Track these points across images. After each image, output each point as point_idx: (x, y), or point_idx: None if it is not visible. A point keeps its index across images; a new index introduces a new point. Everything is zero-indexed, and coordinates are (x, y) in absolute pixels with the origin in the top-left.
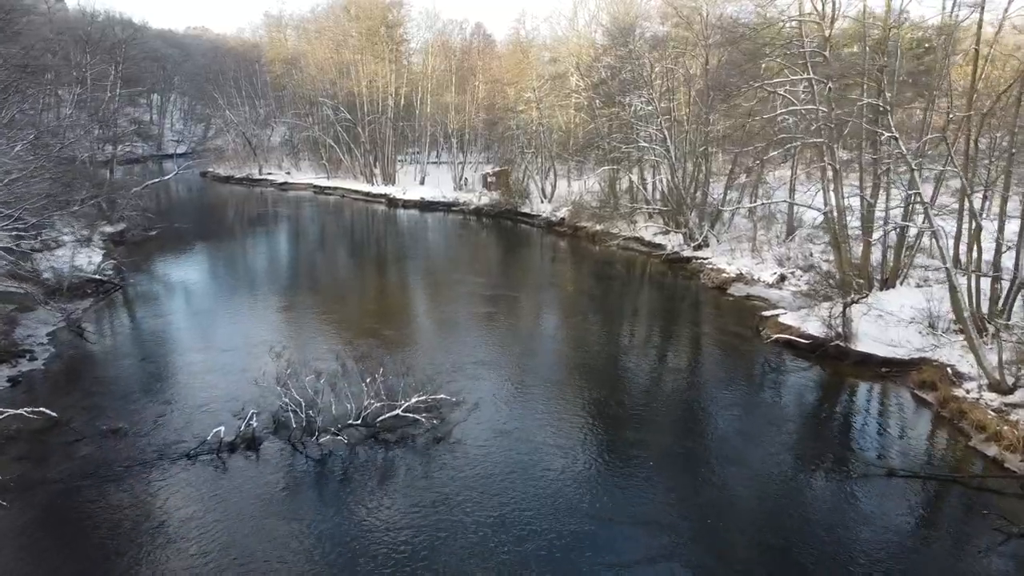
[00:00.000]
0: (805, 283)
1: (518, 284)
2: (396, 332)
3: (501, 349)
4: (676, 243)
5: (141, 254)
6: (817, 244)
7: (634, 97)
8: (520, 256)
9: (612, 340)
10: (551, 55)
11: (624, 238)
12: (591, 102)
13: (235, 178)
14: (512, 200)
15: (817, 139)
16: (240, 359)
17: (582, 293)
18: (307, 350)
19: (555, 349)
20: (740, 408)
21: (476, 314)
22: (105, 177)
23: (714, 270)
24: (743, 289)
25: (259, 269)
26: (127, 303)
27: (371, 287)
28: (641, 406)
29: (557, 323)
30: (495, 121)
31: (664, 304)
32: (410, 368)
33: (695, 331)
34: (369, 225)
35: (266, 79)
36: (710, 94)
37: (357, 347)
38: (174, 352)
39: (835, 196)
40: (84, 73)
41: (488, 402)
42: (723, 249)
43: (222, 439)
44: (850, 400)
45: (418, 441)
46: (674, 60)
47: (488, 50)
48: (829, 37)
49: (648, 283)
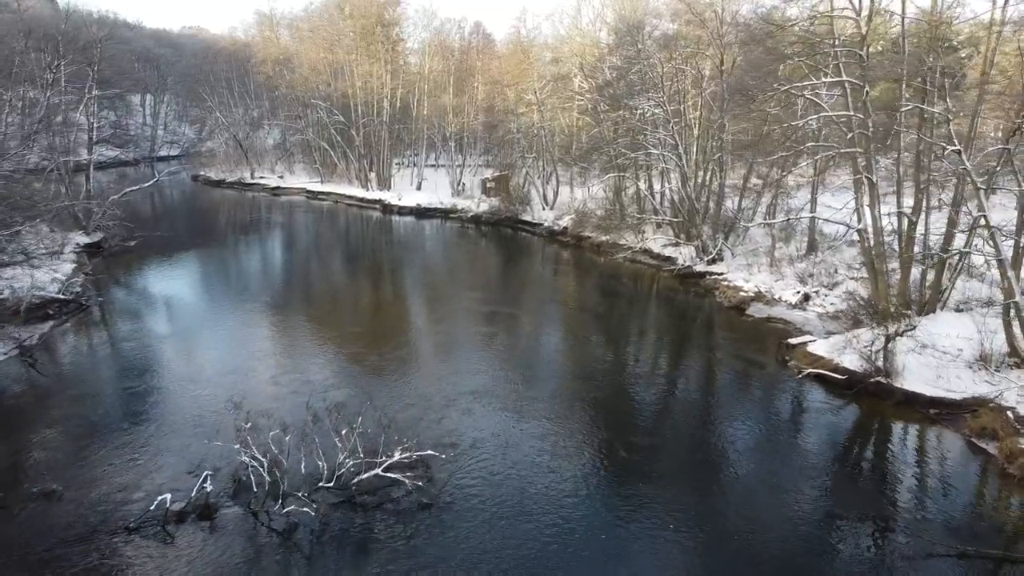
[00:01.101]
0: (831, 304)
1: (518, 300)
2: (383, 358)
3: (498, 378)
4: (688, 256)
5: (117, 267)
6: (842, 259)
7: (643, 100)
8: (520, 268)
9: (620, 369)
10: (553, 55)
11: (631, 250)
12: (596, 105)
13: (226, 182)
14: (512, 207)
15: (852, 149)
16: (203, 400)
17: (587, 311)
18: (280, 386)
19: (558, 379)
20: (766, 455)
21: (472, 335)
22: (81, 184)
23: (730, 287)
24: (763, 310)
25: (240, 285)
26: (92, 326)
27: (360, 305)
28: (653, 451)
29: (560, 347)
30: (495, 124)
31: (677, 326)
32: (395, 408)
33: (712, 359)
34: (362, 234)
35: (259, 79)
36: (726, 97)
37: (338, 379)
38: (131, 389)
39: (871, 212)
40: (57, 74)
41: (483, 450)
42: (739, 264)
43: (168, 508)
44: (895, 448)
45: (402, 506)
46: (685, 60)
47: (487, 50)
48: (866, 35)
49: (658, 301)
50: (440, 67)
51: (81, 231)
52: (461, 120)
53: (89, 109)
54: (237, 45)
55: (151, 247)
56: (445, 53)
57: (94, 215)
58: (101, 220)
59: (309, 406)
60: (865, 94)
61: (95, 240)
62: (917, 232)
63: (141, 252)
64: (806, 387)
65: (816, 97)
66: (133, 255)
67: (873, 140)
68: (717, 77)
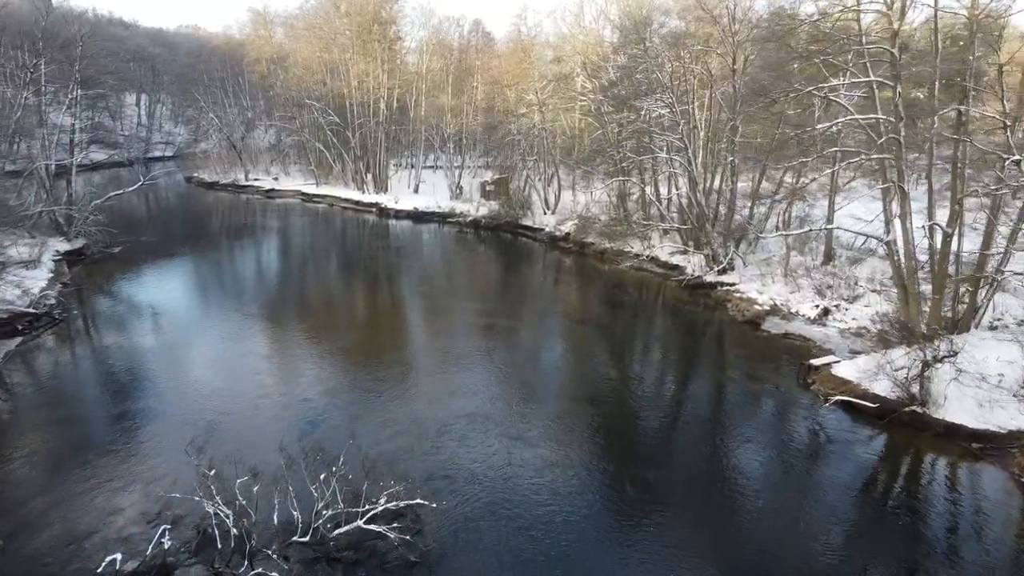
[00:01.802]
0: (853, 319)
1: (518, 312)
2: (373, 378)
3: (497, 400)
4: (697, 265)
5: (98, 276)
6: (861, 270)
7: (650, 101)
8: (520, 277)
9: (627, 391)
10: (555, 54)
11: (638, 258)
12: (599, 106)
13: (220, 184)
14: (512, 211)
15: (883, 155)
16: (174, 431)
17: (590, 324)
18: (260, 412)
19: (559, 402)
20: (787, 490)
21: (469, 351)
22: (63, 188)
23: (743, 300)
24: (780, 325)
25: (225, 296)
26: (63, 342)
27: (351, 318)
28: (663, 487)
29: (562, 365)
30: (494, 125)
31: (687, 342)
32: (384, 437)
33: (727, 380)
34: (356, 240)
35: (253, 79)
36: (738, 98)
37: (324, 402)
38: (96, 417)
39: (903, 225)
40: (36, 73)
41: (479, 488)
42: (751, 274)
43: (118, 569)
44: (933, 485)
45: (387, 562)
46: (695, 59)
47: (487, 49)
48: (899, 31)
49: (666, 314)
50: (438, 66)
51: (62, 238)
52: (460, 121)
53: (70, 110)
54: (231, 44)
55: (136, 254)
56: (443, 52)
57: (75, 221)
58: (83, 226)
59: (287, 441)
60: (897, 95)
61: (76, 247)
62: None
63: (125, 259)
64: (832, 414)
65: (837, 98)
66: (116, 262)
67: (905, 146)
68: (728, 77)
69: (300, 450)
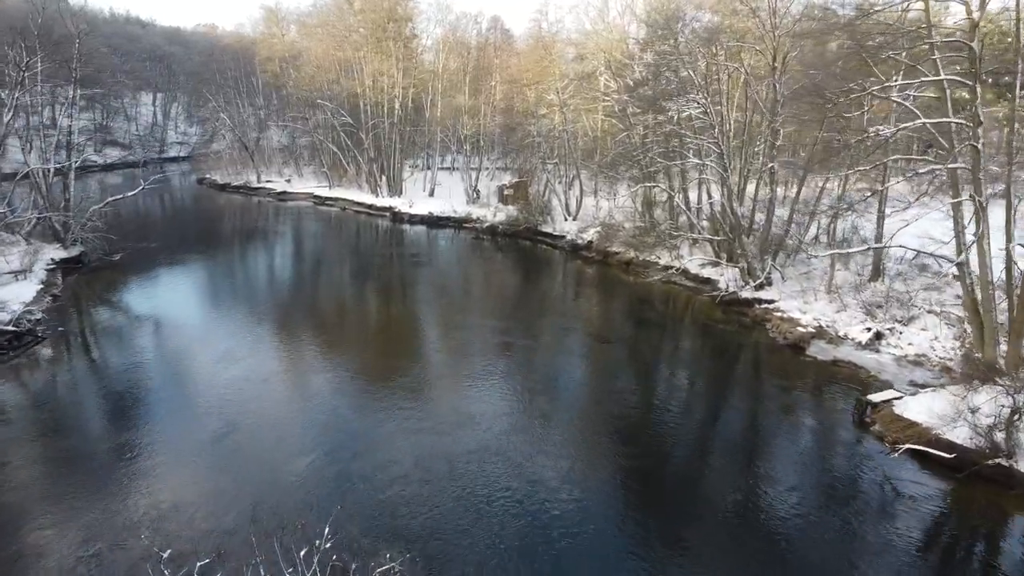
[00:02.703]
0: (909, 344)
1: (537, 329)
2: (378, 406)
3: (513, 432)
4: (730, 279)
5: (94, 286)
6: (913, 286)
7: (682, 101)
8: (540, 289)
9: (657, 425)
10: (577, 51)
11: (666, 270)
12: (624, 107)
13: (232, 186)
14: (532, 217)
15: (957, 165)
16: (125, 496)
17: (616, 344)
18: (234, 468)
19: (582, 435)
20: (845, 552)
21: (483, 374)
22: (59, 193)
23: (784, 320)
24: (827, 350)
25: (225, 311)
26: (42, 366)
27: (359, 338)
28: (701, 543)
29: (584, 393)
30: (513, 127)
31: (723, 368)
32: (383, 481)
33: (769, 415)
34: (369, 247)
35: (265, 78)
36: (778, 99)
37: (318, 441)
38: (56, 459)
39: (980, 245)
40: (30, 72)
41: (494, 553)
42: (791, 290)
43: None
44: (1020, 551)
45: None
46: (729, 57)
47: (506, 46)
48: (978, 23)
49: (699, 334)
50: (455, 65)
51: (59, 245)
52: (477, 122)
53: (66, 111)
54: (243, 42)
55: (138, 261)
56: (460, 50)
57: (72, 227)
58: (80, 232)
59: (268, 502)
60: (978, 96)
61: (74, 255)
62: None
63: (125, 268)
64: (896, 461)
65: (901, 100)
66: (116, 271)
67: (984, 155)
68: (768, 76)
69: (281, 517)
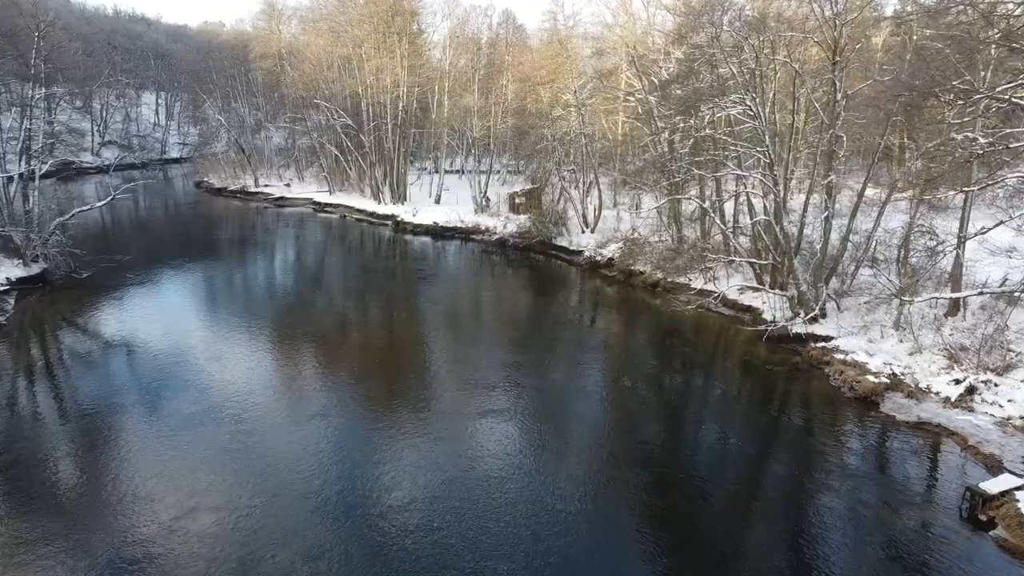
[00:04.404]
0: (1010, 401)
1: (550, 362)
2: (371, 459)
3: (522, 490)
4: (776, 307)
5: (53, 309)
6: (1004, 320)
7: (728, 101)
8: (554, 312)
9: (692, 499)
10: (596, 47)
11: (712, 295)
12: (650, 109)
13: (228, 190)
14: (545, 229)
15: None
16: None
17: (641, 383)
18: (204, 543)
19: (597, 506)
20: None
21: (487, 417)
22: (19, 204)
23: (848, 364)
24: (906, 407)
25: (197, 339)
26: None
27: (350, 372)
28: None
29: (602, 450)
30: (526, 131)
31: (775, 423)
32: (374, 546)
33: (843, 501)
34: (368, 262)
35: (263, 77)
36: (837, 99)
37: (299, 506)
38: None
39: None
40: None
41: None
42: (850, 325)
43: None
44: None
45: None
46: (776, 51)
47: (518, 42)
48: None
49: (743, 377)
50: (464, 62)
51: (19, 261)
52: (486, 124)
53: (26, 112)
54: (241, 39)
55: (109, 279)
56: (469, 46)
57: (32, 242)
58: (43, 248)
59: None
60: None
61: (34, 272)
62: None
63: (93, 287)
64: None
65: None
66: (81, 291)
67: None
68: (824, 72)
69: None
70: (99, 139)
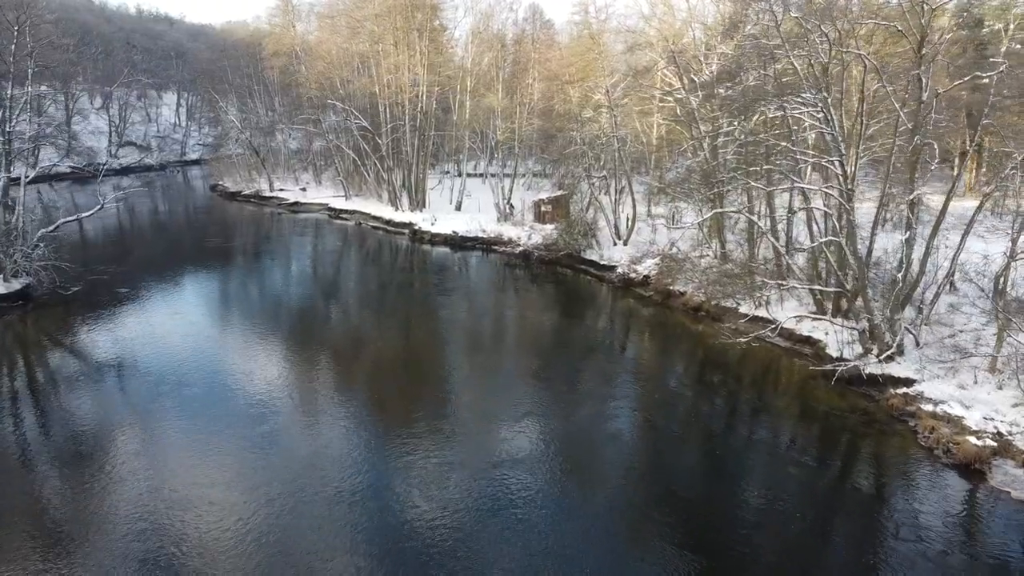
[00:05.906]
0: None
1: (577, 396)
2: (372, 512)
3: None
4: (844, 342)
5: (33, 330)
6: None
7: (795, 102)
8: (582, 336)
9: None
10: (631, 41)
11: (751, 323)
12: (689, 111)
13: (242, 195)
14: (574, 240)
15: None
16: None
17: (683, 428)
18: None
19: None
20: None
21: (506, 467)
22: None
23: (940, 418)
24: (1021, 479)
25: (194, 359)
26: None
27: (360, 399)
28: None
29: (636, 511)
30: (553, 133)
31: (853, 497)
32: None
33: None
34: (383, 274)
35: (278, 77)
36: (923, 98)
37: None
38: None
39: None
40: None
41: None
42: (933, 363)
43: None
44: None
45: None
46: (844, 43)
47: (546, 38)
48: None
49: (805, 430)
50: (487, 60)
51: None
52: (510, 126)
53: (5, 113)
54: (256, 36)
55: (99, 295)
56: (493, 43)
57: (12, 255)
58: (24, 261)
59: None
60: None
61: (16, 289)
62: None
63: (80, 304)
64: None
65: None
66: (70, 308)
67: None
68: (912, 66)
69: None
70: (116, 140)
